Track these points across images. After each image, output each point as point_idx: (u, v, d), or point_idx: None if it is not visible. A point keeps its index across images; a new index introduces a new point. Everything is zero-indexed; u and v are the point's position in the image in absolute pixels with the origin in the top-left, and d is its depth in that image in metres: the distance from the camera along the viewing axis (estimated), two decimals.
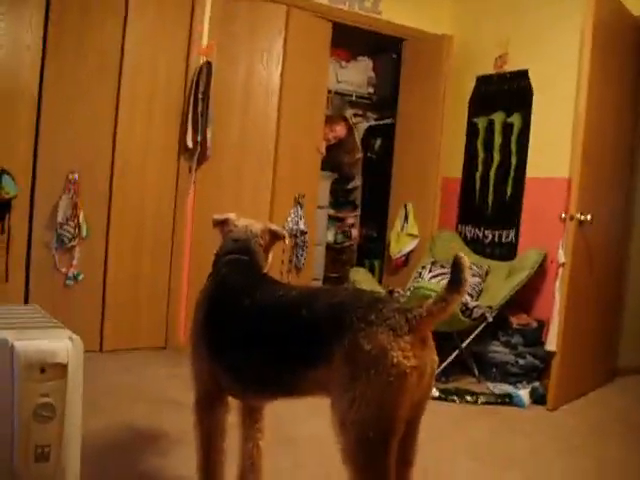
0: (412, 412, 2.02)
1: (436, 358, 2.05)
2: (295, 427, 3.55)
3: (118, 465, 2.96)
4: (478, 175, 5.60)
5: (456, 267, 1.93)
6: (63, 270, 4.56)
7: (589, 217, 4.16)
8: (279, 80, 5.21)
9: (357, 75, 6.61)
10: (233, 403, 2.54)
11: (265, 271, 2.60)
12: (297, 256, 5.36)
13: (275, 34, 5.18)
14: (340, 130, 6.12)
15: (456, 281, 1.93)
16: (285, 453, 3.19)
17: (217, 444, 2.48)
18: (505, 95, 5.40)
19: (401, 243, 5.86)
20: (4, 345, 1.85)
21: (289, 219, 5.31)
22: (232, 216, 2.71)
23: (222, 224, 2.71)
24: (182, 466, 2.92)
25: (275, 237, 2.69)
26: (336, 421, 1.98)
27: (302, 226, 5.35)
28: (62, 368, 1.89)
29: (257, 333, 2.25)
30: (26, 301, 4.38)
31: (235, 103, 5.16)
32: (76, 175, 4.54)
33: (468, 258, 1.95)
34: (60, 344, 1.91)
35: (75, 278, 4.59)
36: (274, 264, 2.67)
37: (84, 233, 4.57)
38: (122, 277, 4.81)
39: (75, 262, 4.60)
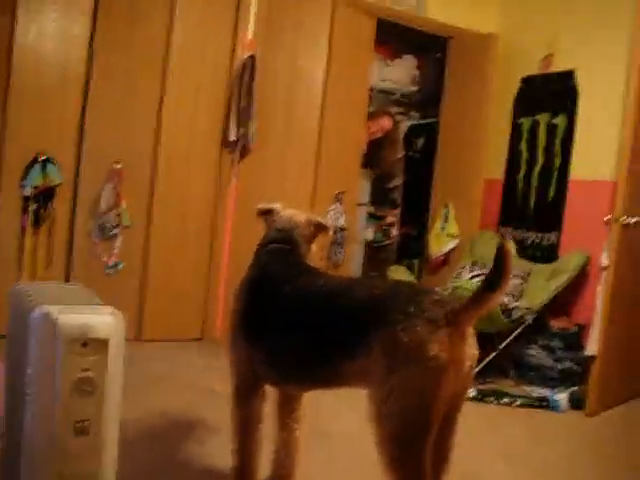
0: (449, 406, 2.00)
1: (476, 353, 2.03)
2: (331, 422, 3.55)
3: (154, 450, 2.99)
4: (521, 176, 5.54)
5: (500, 256, 1.88)
6: (104, 259, 4.61)
7: (634, 220, 4.09)
8: (323, 76, 5.20)
9: (401, 73, 6.59)
10: (270, 394, 2.55)
11: (307, 262, 2.60)
12: (335, 252, 5.36)
13: (320, 29, 5.17)
14: (386, 123, 6.03)
15: (495, 276, 1.89)
16: (320, 446, 3.18)
17: (253, 433, 2.49)
18: (550, 96, 5.33)
19: (441, 243, 5.83)
20: (47, 319, 1.87)
21: (329, 215, 5.30)
22: (277, 206, 2.71)
23: (267, 214, 2.71)
24: (217, 454, 2.93)
25: (319, 229, 2.69)
26: (372, 413, 1.98)
27: (342, 222, 5.34)
28: (103, 343, 1.91)
29: (297, 321, 2.26)
30: None
31: (278, 98, 5.17)
32: (120, 165, 4.59)
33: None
34: (102, 319, 1.93)
35: (115, 267, 4.65)
36: (313, 259, 2.66)
37: (126, 222, 4.62)
38: (162, 268, 4.86)
39: (116, 251, 4.65)
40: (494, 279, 1.89)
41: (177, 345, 4.84)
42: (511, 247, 1.90)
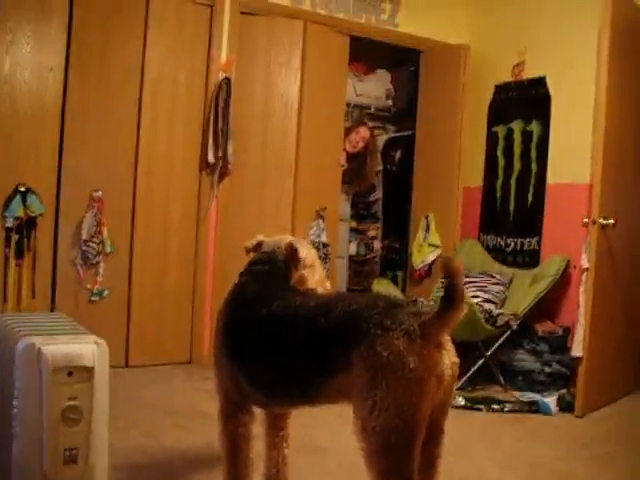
0: (434, 416, 2.02)
1: (456, 360, 2.04)
2: (323, 437, 3.56)
3: (144, 476, 2.98)
4: (499, 184, 5.59)
5: (449, 274, 1.91)
6: (88, 286, 4.61)
7: (612, 221, 4.14)
8: (298, 94, 5.27)
9: (375, 88, 6.65)
10: (258, 413, 2.56)
11: (292, 282, 2.61)
12: None
13: (292, 49, 5.24)
14: (366, 133, 6.03)
15: (450, 294, 1.91)
16: (312, 462, 3.19)
17: (243, 451, 2.49)
18: (523, 103, 5.40)
19: (423, 254, 5.86)
20: (32, 349, 1.88)
21: (311, 232, 5.34)
22: (262, 237, 2.71)
23: (256, 248, 2.71)
24: (210, 477, 2.93)
25: (292, 254, 2.66)
26: (358, 428, 1.99)
27: (324, 239, 5.37)
28: (89, 371, 1.92)
29: (275, 343, 2.27)
30: None
31: (255, 118, 5.21)
32: (100, 192, 4.59)
33: (491, 267, 1.92)
34: (86, 348, 1.94)
35: (100, 294, 4.64)
36: (321, 282, 2.68)
37: (108, 249, 4.62)
38: (146, 293, 4.85)
39: (100, 278, 4.65)
40: (449, 298, 1.92)
41: (166, 369, 4.83)
42: (457, 262, 1.92)
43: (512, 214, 5.47)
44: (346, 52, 5.54)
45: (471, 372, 4.59)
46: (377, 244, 6.91)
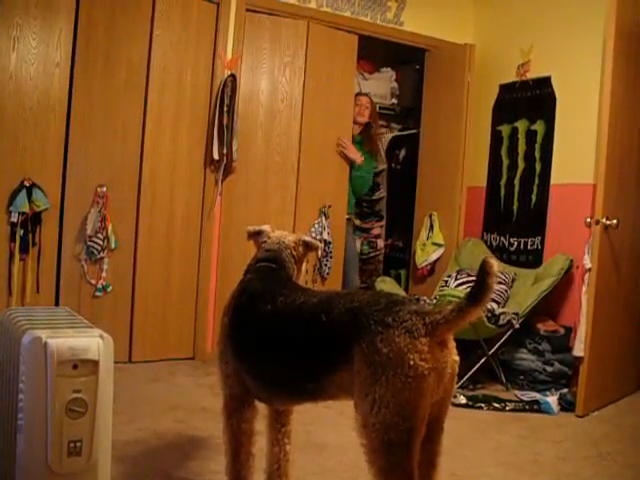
0: (434, 413, 2.04)
1: (457, 359, 2.06)
2: (324, 433, 3.57)
3: (147, 470, 2.99)
4: (503, 183, 5.61)
5: (483, 272, 1.92)
6: (92, 281, 4.63)
7: (615, 222, 4.14)
8: (301, 93, 5.30)
9: (380, 86, 6.66)
10: (261, 409, 2.58)
11: (297, 280, 2.66)
12: (321, 266, 5.41)
13: (298, 46, 5.28)
14: (365, 100, 5.81)
15: (478, 291, 1.93)
16: (313, 459, 3.20)
17: (245, 447, 2.51)
18: (528, 102, 5.41)
19: (427, 252, 5.87)
20: (38, 342, 1.90)
21: (312, 229, 5.36)
22: (266, 228, 2.78)
23: (256, 235, 2.77)
24: (211, 471, 2.95)
25: (308, 248, 2.75)
26: (359, 424, 2.01)
27: (326, 236, 5.39)
28: (94, 364, 1.94)
29: (278, 339, 2.30)
30: None
31: (259, 115, 5.23)
32: (104, 188, 4.61)
33: None
34: (91, 341, 1.96)
35: (104, 289, 4.66)
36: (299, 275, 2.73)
37: (113, 245, 4.64)
38: (150, 288, 4.87)
39: (104, 274, 4.67)
40: (477, 293, 1.93)
41: (169, 365, 4.85)
42: (495, 263, 1.93)
43: (516, 213, 5.48)
44: (354, 50, 5.56)
45: (473, 371, 4.61)
46: (381, 242, 6.93)
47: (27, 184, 4.32)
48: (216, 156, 4.93)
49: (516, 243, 5.43)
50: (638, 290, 4.81)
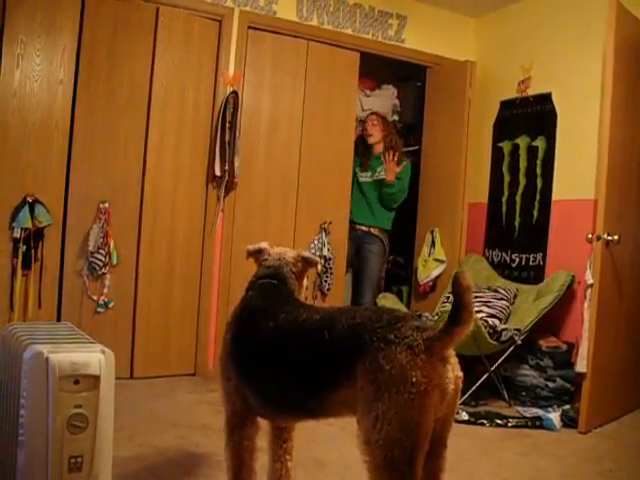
0: (437, 430, 2.03)
1: (460, 375, 2.06)
2: (326, 450, 3.55)
3: None
4: (504, 199, 5.62)
5: (457, 289, 1.91)
6: (94, 297, 4.63)
7: (616, 237, 4.15)
8: (303, 109, 5.34)
9: (382, 103, 6.67)
10: (263, 425, 2.58)
11: (298, 296, 2.66)
12: (322, 282, 5.42)
13: (299, 63, 5.33)
14: (374, 117, 5.93)
15: (457, 312, 1.91)
16: (315, 476, 3.19)
17: (247, 464, 2.51)
18: (529, 119, 5.43)
19: (428, 268, 5.87)
20: (40, 358, 1.90)
21: (312, 245, 5.37)
22: (265, 245, 2.79)
23: (256, 253, 2.78)
24: None
25: (307, 264, 2.76)
26: (361, 440, 2.00)
27: (326, 253, 5.40)
28: (95, 380, 1.94)
29: (280, 356, 2.29)
30: None
31: (261, 132, 5.25)
32: (107, 204, 4.63)
33: (496, 282, 1.93)
34: (93, 356, 1.96)
35: (106, 305, 4.66)
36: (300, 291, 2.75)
37: (114, 261, 4.65)
38: (152, 305, 4.87)
39: (106, 290, 4.67)
40: (457, 315, 1.92)
41: (170, 381, 4.84)
42: (468, 276, 1.92)
43: (517, 229, 5.48)
44: (356, 67, 5.61)
45: (475, 387, 4.59)
46: None
47: (30, 200, 4.34)
48: (218, 173, 4.94)
49: (518, 259, 5.43)
50: None
